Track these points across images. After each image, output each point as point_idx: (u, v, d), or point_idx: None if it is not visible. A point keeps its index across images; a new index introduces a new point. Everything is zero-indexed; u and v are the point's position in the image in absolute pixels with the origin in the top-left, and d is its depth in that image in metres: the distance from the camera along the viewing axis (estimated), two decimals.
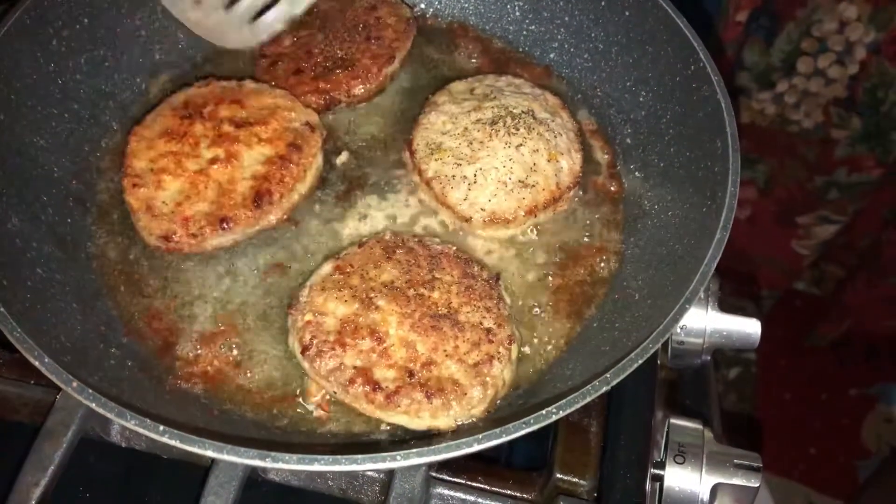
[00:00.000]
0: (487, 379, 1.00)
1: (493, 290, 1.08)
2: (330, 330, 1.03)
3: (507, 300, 1.10)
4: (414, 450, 0.81)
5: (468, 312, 1.05)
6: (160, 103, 1.25)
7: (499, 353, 1.02)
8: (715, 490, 1.02)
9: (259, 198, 1.13)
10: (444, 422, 0.99)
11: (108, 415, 0.82)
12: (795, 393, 2.87)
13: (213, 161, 1.16)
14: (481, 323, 1.04)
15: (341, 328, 1.03)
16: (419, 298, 1.06)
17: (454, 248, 1.14)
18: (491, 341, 1.02)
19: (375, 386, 0.98)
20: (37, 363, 0.86)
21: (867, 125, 2.38)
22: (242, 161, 1.17)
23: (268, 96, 1.24)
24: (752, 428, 2.71)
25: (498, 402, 1.03)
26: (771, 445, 2.66)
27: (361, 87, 1.32)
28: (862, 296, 2.75)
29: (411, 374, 0.99)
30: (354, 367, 1.00)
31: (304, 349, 1.02)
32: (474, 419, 1.00)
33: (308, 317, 1.04)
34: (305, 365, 1.03)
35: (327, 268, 1.10)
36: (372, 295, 1.06)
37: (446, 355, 1.01)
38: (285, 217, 1.18)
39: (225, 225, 1.12)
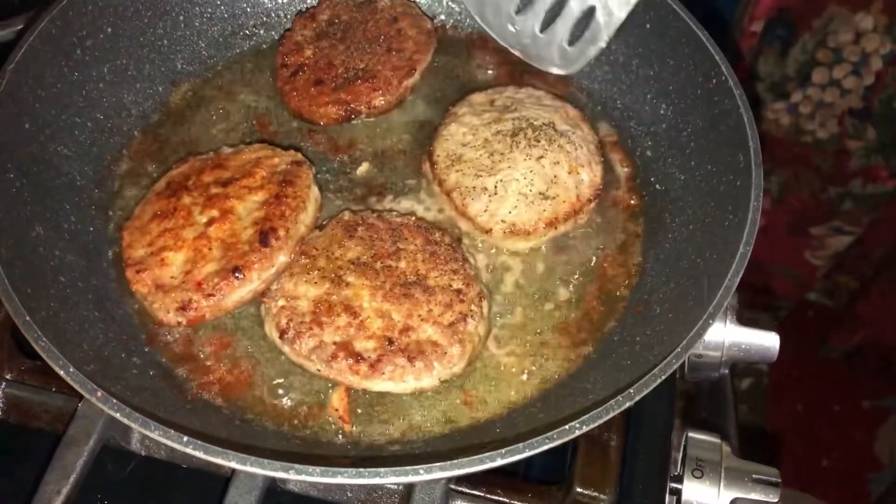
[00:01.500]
0: (464, 336, 1.04)
1: (456, 253, 1.12)
2: (305, 311, 1.06)
3: (472, 260, 1.13)
4: (437, 464, 0.81)
5: (436, 277, 1.09)
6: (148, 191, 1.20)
7: (471, 310, 1.06)
8: None
9: (265, 237, 1.10)
10: (427, 382, 1.03)
11: (133, 425, 0.83)
12: (808, 404, 2.86)
13: (210, 222, 1.13)
14: (450, 285, 1.08)
15: (315, 308, 1.06)
16: (387, 270, 1.09)
17: (413, 218, 1.17)
18: (462, 300, 1.06)
19: (358, 357, 1.02)
20: (62, 372, 0.87)
21: (882, 136, 2.37)
22: (239, 213, 1.14)
23: (246, 153, 1.22)
24: (765, 439, 2.70)
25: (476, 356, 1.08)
26: (783, 457, 2.64)
27: (382, 98, 1.32)
28: (875, 307, 2.74)
29: (391, 341, 1.03)
30: (335, 343, 1.03)
31: (282, 333, 1.05)
32: (455, 376, 1.05)
33: (281, 302, 1.08)
34: (286, 349, 1.06)
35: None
36: (341, 273, 1.09)
37: (422, 319, 1.05)
38: (295, 253, 1.14)
39: (238, 274, 1.07)
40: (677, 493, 1.04)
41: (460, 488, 1.04)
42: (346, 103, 1.31)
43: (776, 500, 1.02)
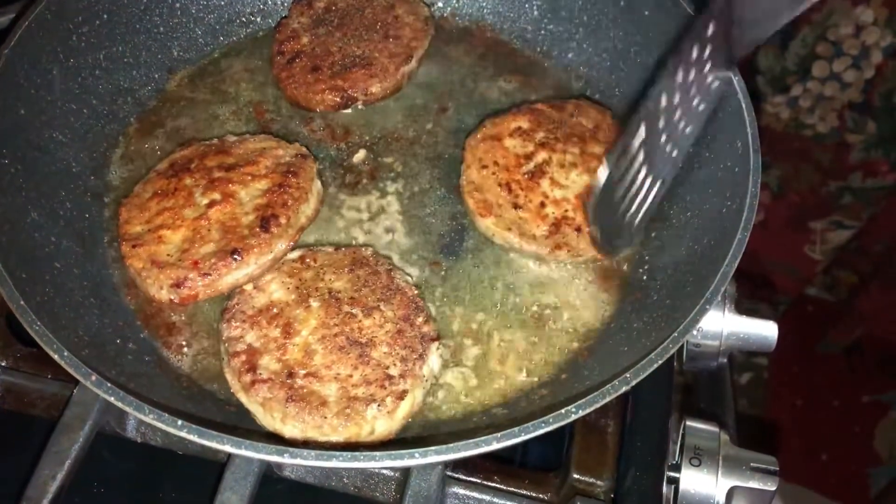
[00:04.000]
0: (356, 417, 0.96)
1: (420, 346, 1.03)
2: (255, 305, 1.06)
3: (434, 367, 1.05)
4: (432, 447, 0.81)
5: (384, 352, 1.02)
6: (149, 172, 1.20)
7: (383, 400, 0.97)
8: (731, 493, 1.01)
9: (266, 222, 1.09)
10: (289, 430, 0.96)
11: (127, 408, 0.82)
12: (807, 399, 2.85)
13: (211, 204, 1.12)
14: (388, 367, 1.00)
15: (265, 308, 1.05)
16: (349, 317, 1.04)
17: (416, 291, 1.10)
18: (383, 387, 0.98)
19: (251, 368, 0.99)
20: (56, 356, 0.86)
21: (882, 130, 2.37)
22: (241, 198, 1.13)
23: (251, 142, 1.21)
24: (765, 433, 2.69)
25: (362, 440, 0.97)
26: (782, 451, 2.64)
27: (379, 85, 1.31)
28: (875, 302, 2.74)
29: (291, 375, 0.98)
30: (248, 345, 1.02)
31: (225, 311, 1.06)
32: (327, 442, 0.96)
33: (249, 287, 1.08)
34: (220, 324, 1.06)
35: (295, 254, 1.12)
36: (311, 295, 1.07)
37: (335, 377, 0.99)
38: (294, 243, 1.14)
39: (236, 256, 1.07)
40: (675, 481, 1.04)
41: (457, 475, 1.04)
42: (343, 90, 1.30)
43: (774, 488, 1.02)
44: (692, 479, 1.02)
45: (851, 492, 2.65)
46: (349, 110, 1.33)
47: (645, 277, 1.14)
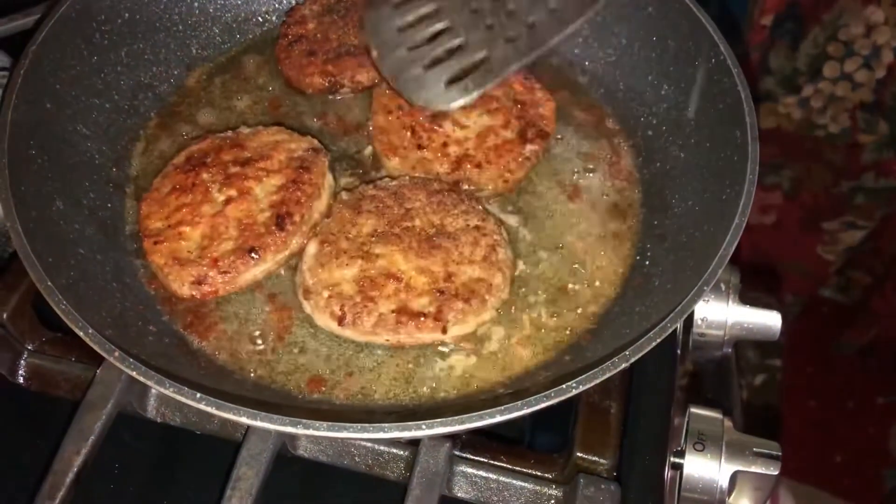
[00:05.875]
0: (500, 264, 1.11)
1: (460, 196, 1.18)
2: (352, 293, 1.08)
3: (477, 206, 1.18)
4: (438, 420, 0.85)
5: (452, 222, 1.15)
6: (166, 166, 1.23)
7: (496, 240, 1.13)
8: (734, 477, 1.03)
9: (281, 220, 1.13)
10: (487, 315, 1.10)
11: (148, 382, 0.86)
12: (821, 400, 2.84)
13: (228, 201, 1.16)
14: (468, 224, 1.14)
15: (360, 287, 1.08)
16: (406, 231, 1.13)
17: (407, 177, 1.21)
18: (485, 234, 1.13)
19: (420, 315, 1.06)
20: (81, 333, 0.90)
21: (894, 130, 2.37)
22: (256, 194, 1.17)
23: (264, 135, 1.25)
24: (778, 434, 2.68)
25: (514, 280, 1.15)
26: (797, 452, 2.63)
27: (365, 75, 1.35)
28: (889, 303, 2.73)
29: (441, 292, 1.07)
30: (392, 311, 1.06)
31: (340, 321, 1.07)
32: (503, 301, 1.12)
33: (326, 293, 1.09)
34: (348, 333, 1.08)
35: (313, 247, 1.14)
36: (366, 248, 1.12)
37: (457, 263, 1.10)
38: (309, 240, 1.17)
39: (254, 255, 1.11)
40: (679, 467, 1.06)
41: (464, 454, 1.07)
42: (332, 75, 1.35)
43: (776, 472, 1.04)
44: (696, 464, 1.03)
45: (866, 493, 2.64)
46: (363, 105, 1.36)
47: (647, 263, 1.17)
